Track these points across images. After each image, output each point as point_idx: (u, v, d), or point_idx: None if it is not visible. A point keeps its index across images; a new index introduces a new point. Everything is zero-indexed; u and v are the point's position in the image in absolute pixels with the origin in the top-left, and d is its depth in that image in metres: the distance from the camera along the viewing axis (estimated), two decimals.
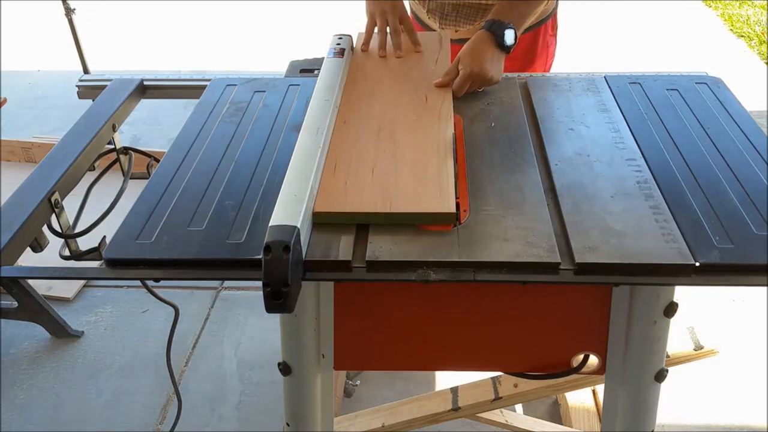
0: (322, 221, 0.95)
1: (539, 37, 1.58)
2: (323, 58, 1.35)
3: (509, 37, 1.29)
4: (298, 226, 0.86)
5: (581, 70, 1.39)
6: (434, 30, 1.62)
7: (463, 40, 1.34)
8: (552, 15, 1.59)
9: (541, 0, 1.43)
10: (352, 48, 1.43)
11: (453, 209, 0.94)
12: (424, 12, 1.64)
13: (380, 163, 1.05)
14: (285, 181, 0.96)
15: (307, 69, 1.41)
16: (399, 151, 1.08)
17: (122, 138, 1.42)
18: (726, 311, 2.16)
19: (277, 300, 0.81)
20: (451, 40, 1.54)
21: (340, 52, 1.36)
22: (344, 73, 1.31)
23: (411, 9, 1.69)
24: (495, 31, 1.29)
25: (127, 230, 0.95)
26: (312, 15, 4.73)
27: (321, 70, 1.30)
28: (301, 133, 1.08)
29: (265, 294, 0.81)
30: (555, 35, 1.63)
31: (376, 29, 1.44)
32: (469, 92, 1.29)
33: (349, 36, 1.44)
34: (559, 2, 1.59)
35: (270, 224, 0.86)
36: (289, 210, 0.89)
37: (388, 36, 1.44)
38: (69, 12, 2.35)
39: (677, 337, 1.49)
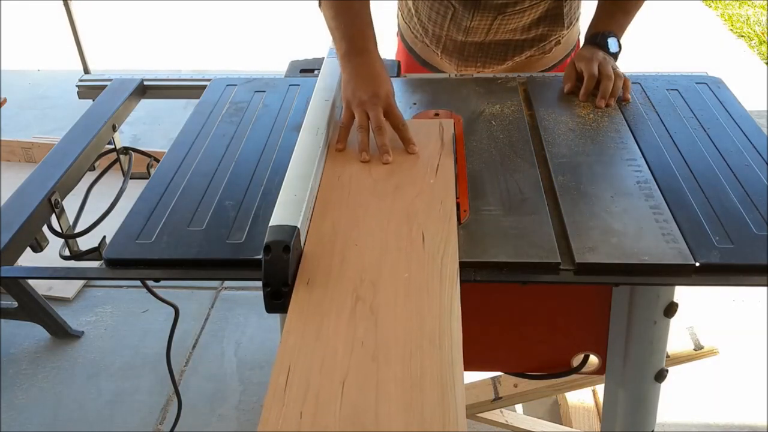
0: None
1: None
2: (323, 58, 1.35)
3: (613, 44, 1.30)
4: (298, 226, 0.86)
5: None
6: (445, 72, 1.44)
7: (487, 78, 1.28)
8: (577, 38, 1.58)
9: (637, 6, 1.37)
10: None
11: None
12: (435, 54, 1.46)
13: (355, 367, 0.71)
14: (285, 181, 0.96)
15: (307, 69, 1.42)
16: (382, 345, 0.73)
17: (122, 138, 1.42)
18: (726, 311, 2.16)
19: (277, 300, 0.81)
20: (465, 77, 1.40)
21: None
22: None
23: (410, 47, 1.51)
24: (599, 42, 1.30)
25: (127, 230, 0.95)
26: (312, 15, 4.73)
27: (321, 70, 1.30)
28: (301, 133, 1.08)
29: (265, 294, 0.81)
30: None
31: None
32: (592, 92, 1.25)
33: None
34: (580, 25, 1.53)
35: (270, 224, 0.86)
36: (289, 210, 0.89)
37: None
38: None
39: (677, 337, 1.49)
